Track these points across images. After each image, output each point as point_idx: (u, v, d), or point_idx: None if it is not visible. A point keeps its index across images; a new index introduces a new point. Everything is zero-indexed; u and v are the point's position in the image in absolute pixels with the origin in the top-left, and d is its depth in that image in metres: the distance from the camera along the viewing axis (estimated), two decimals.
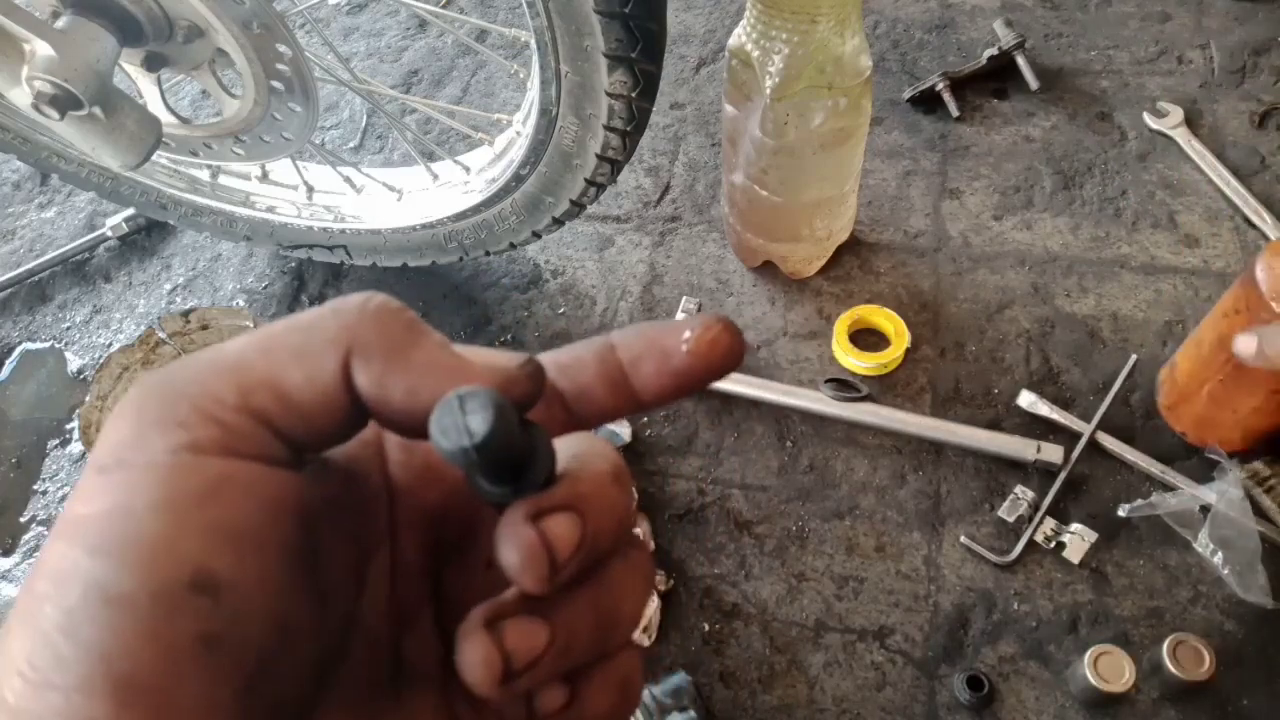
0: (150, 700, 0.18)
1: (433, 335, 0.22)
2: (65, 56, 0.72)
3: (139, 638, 0.18)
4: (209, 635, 0.18)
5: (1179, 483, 0.89)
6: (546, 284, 1.18)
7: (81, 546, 0.19)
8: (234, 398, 0.20)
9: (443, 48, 1.51)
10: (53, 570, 0.19)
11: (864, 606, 0.88)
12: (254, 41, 0.80)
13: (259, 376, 0.21)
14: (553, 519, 0.21)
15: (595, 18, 0.72)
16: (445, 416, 0.19)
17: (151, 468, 0.19)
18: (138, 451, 0.19)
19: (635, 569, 0.24)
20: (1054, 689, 0.81)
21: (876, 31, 1.39)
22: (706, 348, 0.23)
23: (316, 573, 0.22)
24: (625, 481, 0.24)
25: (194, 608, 0.18)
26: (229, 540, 0.19)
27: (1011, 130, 1.23)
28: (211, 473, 0.19)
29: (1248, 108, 1.20)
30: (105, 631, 0.18)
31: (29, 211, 1.42)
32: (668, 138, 1.30)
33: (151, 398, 0.20)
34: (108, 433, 0.20)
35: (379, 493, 0.25)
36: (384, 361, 0.21)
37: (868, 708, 0.82)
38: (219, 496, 0.19)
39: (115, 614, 0.18)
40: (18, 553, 1.06)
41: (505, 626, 0.21)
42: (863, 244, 1.14)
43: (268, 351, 0.21)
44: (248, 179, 1.14)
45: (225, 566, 0.19)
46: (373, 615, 0.25)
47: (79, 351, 1.24)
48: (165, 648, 0.18)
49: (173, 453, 0.19)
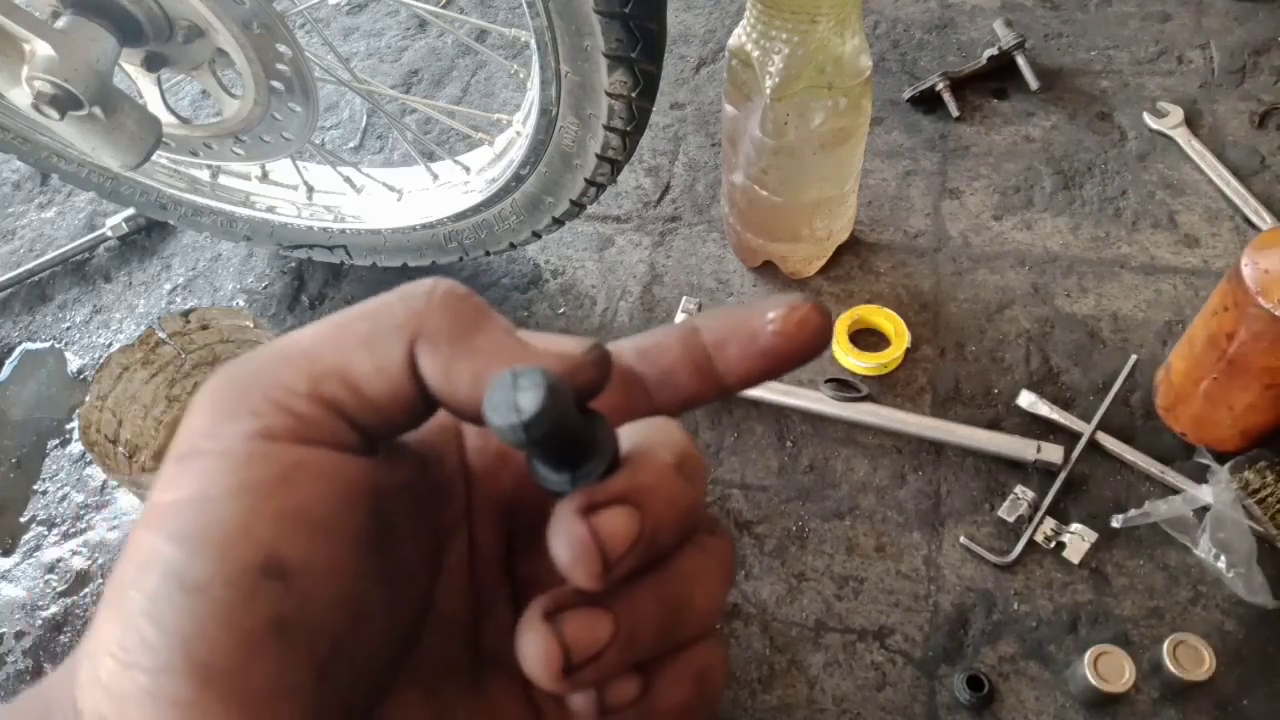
0: (227, 682, 0.18)
1: (498, 321, 0.22)
2: (65, 56, 0.72)
3: (214, 622, 0.18)
4: (281, 619, 0.19)
5: (1179, 483, 0.89)
6: (546, 284, 1.18)
7: (161, 534, 0.19)
8: (305, 386, 0.21)
9: (443, 48, 1.51)
10: (137, 557, 0.19)
11: (864, 606, 0.88)
12: (254, 41, 0.80)
13: (328, 365, 0.21)
14: (607, 513, 0.20)
15: (595, 18, 0.72)
16: (498, 393, 0.19)
17: (226, 455, 0.20)
18: (213, 440, 0.20)
19: (711, 557, 0.23)
20: (1054, 689, 0.81)
21: (876, 31, 1.39)
22: (795, 328, 0.23)
23: (390, 558, 0.22)
24: (692, 470, 0.23)
25: (266, 592, 0.19)
26: (301, 526, 0.19)
27: (1011, 130, 1.23)
28: (284, 460, 0.20)
29: (1248, 108, 1.20)
30: (184, 617, 0.18)
31: (29, 211, 1.42)
32: (668, 138, 1.30)
33: (225, 388, 0.21)
34: (186, 421, 0.21)
35: (455, 478, 0.25)
36: (449, 348, 0.21)
37: (868, 708, 0.82)
38: (291, 483, 0.20)
39: (192, 599, 0.18)
40: (18, 553, 1.06)
41: (565, 618, 0.21)
42: (863, 244, 1.14)
43: (337, 340, 0.21)
44: (248, 179, 1.14)
45: (297, 552, 0.19)
46: (450, 601, 0.25)
47: (79, 351, 1.24)
48: (239, 632, 0.18)
49: (246, 440, 0.20)
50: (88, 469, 1.12)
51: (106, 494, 1.09)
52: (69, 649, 0.98)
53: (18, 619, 1.01)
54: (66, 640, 0.98)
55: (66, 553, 1.05)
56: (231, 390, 0.21)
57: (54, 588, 1.03)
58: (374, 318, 0.22)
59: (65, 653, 0.97)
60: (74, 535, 1.06)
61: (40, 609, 1.01)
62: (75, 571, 1.03)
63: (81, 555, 1.04)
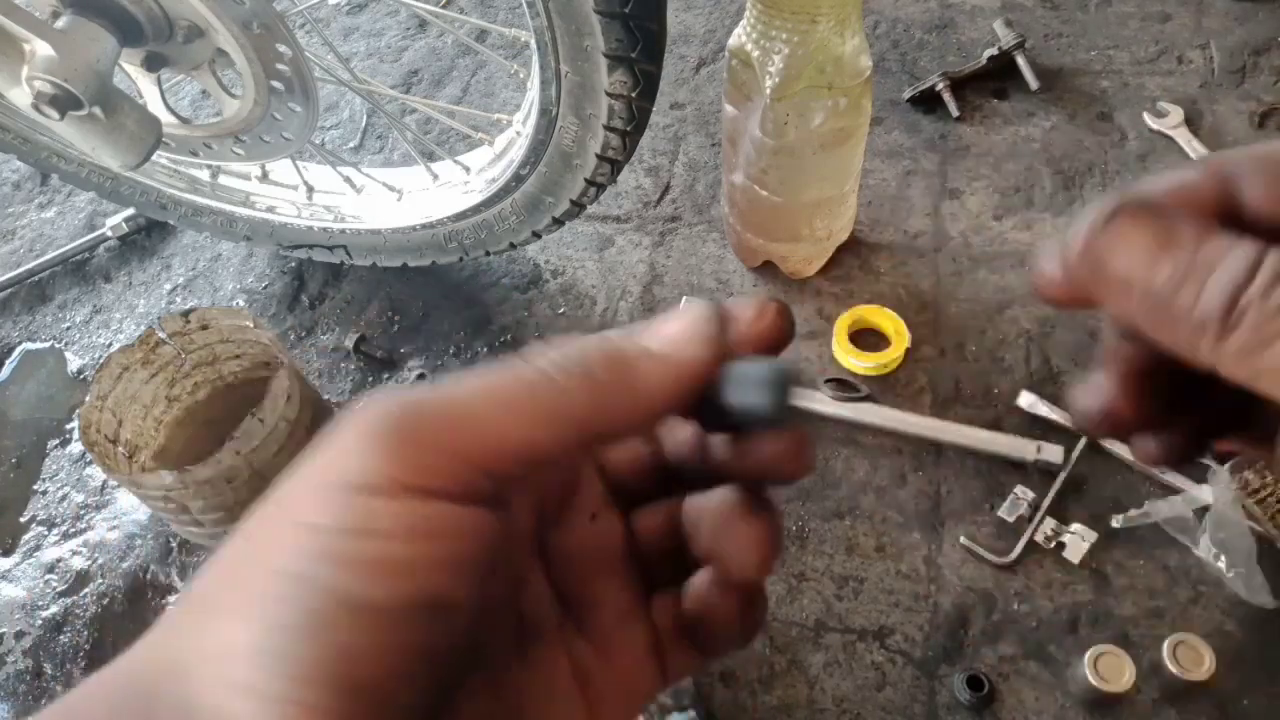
0: (378, 700, 0.20)
1: (639, 369, 0.24)
2: (65, 56, 0.72)
3: (379, 644, 0.20)
4: (431, 648, 0.21)
5: (1179, 483, 0.89)
6: (546, 284, 1.18)
7: (324, 557, 0.21)
8: (479, 457, 0.22)
9: (443, 48, 1.51)
10: (290, 573, 0.20)
11: (864, 606, 0.88)
12: (254, 41, 0.80)
13: (506, 443, 0.22)
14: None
15: (595, 18, 0.72)
16: (736, 388, 0.25)
17: (397, 502, 0.21)
18: (384, 482, 0.21)
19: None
20: (1054, 689, 0.81)
21: (876, 31, 1.39)
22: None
23: (498, 581, 0.26)
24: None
25: (425, 624, 0.21)
26: (456, 571, 0.21)
27: (1011, 130, 1.23)
28: (448, 516, 0.21)
29: (1248, 108, 1.20)
30: (349, 635, 0.20)
31: (29, 211, 1.42)
32: (668, 138, 1.30)
33: (399, 435, 0.22)
34: (341, 446, 0.22)
35: None
36: (619, 425, 0.24)
37: (868, 708, 0.82)
38: (451, 535, 0.21)
39: (360, 621, 0.20)
40: (18, 552, 1.06)
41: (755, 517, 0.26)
42: (863, 244, 1.14)
43: (511, 412, 0.23)
44: (248, 179, 1.14)
45: (450, 592, 0.21)
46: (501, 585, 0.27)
47: (79, 351, 1.24)
48: (400, 656, 0.20)
49: (418, 495, 0.21)
50: (88, 469, 1.12)
51: (106, 494, 1.09)
52: (69, 649, 0.98)
53: (18, 619, 1.01)
54: (67, 640, 0.98)
55: (66, 553, 1.05)
56: (408, 442, 0.21)
57: (54, 588, 1.03)
58: (534, 394, 0.23)
59: (65, 653, 0.97)
60: (74, 535, 1.06)
61: (40, 609, 1.01)
62: (75, 571, 1.03)
63: (81, 555, 1.04)
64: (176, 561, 1.02)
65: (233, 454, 0.87)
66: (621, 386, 0.24)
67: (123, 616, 0.99)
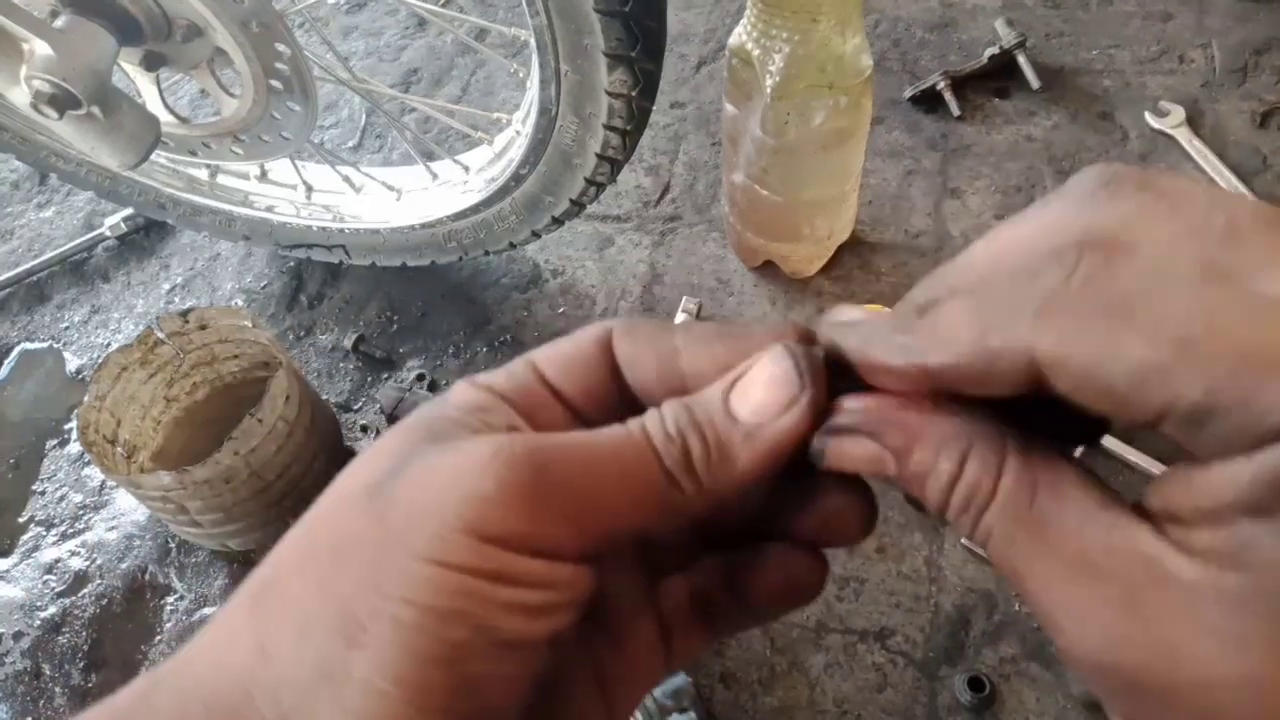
0: None
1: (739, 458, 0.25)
2: (64, 56, 0.72)
3: (511, 675, 0.22)
4: (541, 676, 0.23)
5: None
6: (546, 284, 1.17)
7: (468, 596, 0.21)
8: (594, 533, 0.24)
9: (442, 47, 1.51)
10: (425, 605, 0.21)
11: (865, 607, 0.87)
12: (253, 40, 0.80)
13: (619, 523, 0.24)
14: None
15: (595, 16, 0.72)
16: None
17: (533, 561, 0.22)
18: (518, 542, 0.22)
19: None
20: (1055, 690, 0.81)
21: (877, 30, 1.38)
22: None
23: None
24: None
25: (546, 656, 0.23)
26: (571, 611, 0.24)
27: (1013, 130, 1.23)
28: (568, 572, 0.23)
29: (1249, 107, 1.20)
30: (489, 666, 0.22)
31: (27, 211, 1.42)
32: (668, 137, 1.30)
33: (535, 500, 0.23)
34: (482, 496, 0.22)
35: None
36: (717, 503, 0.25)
37: (868, 709, 0.82)
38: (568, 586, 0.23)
39: (503, 654, 0.22)
40: (16, 553, 1.06)
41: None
42: (864, 244, 1.14)
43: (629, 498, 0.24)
44: (246, 178, 1.14)
45: (568, 629, 0.24)
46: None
47: (77, 351, 1.24)
48: (525, 684, 0.23)
49: (545, 555, 0.23)
50: (86, 469, 1.11)
51: (105, 494, 1.09)
52: (68, 649, 0.97)
53: (16, 619, 1.01)
54: (65, 641, 0.98)
55: (65, 553, 1.05)
56: (538, 504, 0.22)
57: (52, 588, 1.02)
58: (648, 478, 0.24)
59: (64, 653, 0.97)
60: (72, 536, 1.06)
61: (39, 609, 1.01)
62: (73, 572, 1.03)
63: (80, 556, 1.04)
64: (175, 562, 1.02)
65: (231, 454, 0.87)
66: (721, 476, 0.24)
67: (121, 617, 0.99)
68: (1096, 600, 0.20)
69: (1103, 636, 0.20)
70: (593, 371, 0.27)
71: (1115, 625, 0.20)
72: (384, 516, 0.22)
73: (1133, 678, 0.19)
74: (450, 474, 0.22)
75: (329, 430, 1.03)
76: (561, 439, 0.24)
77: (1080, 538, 0.21)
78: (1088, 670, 0.21)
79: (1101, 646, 0.20)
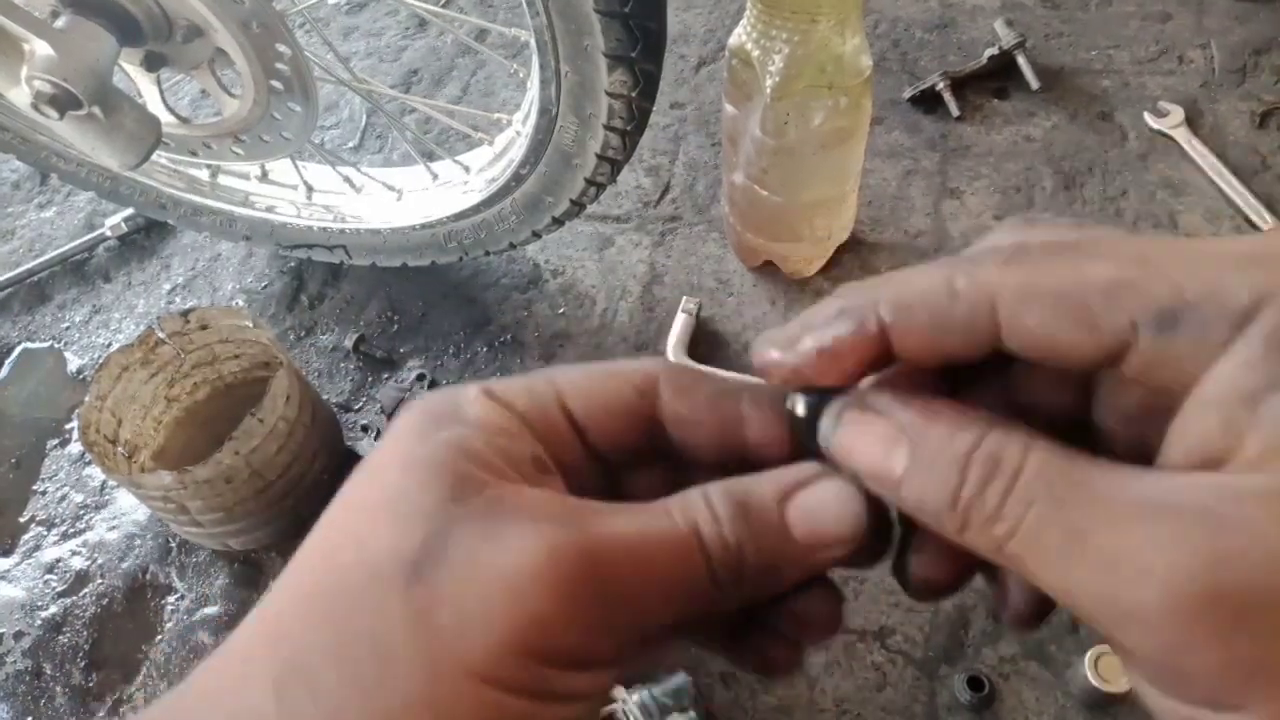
0: None
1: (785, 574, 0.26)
2: (64, 56, 0.72)
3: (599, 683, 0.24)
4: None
5: None
6: (546, 284, 1.17)
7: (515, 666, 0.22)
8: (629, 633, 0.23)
9: (442, 47, 1.51)
10: (480, 674, 0.21)
11: (864, 607, 0.87)
12: (253, 41, 0.80)
13: (651, 620, 0.24)
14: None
15: (595, 17, 0.72)
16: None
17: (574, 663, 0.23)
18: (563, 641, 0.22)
19: None
20: (1054, 689, 0.81)
21: (877, 31, 1.38)
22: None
23: None
24: None
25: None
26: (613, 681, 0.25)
27: (1012, 130, 1.23)
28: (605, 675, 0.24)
29: (1249, 107, 1.20)
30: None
31: (28, 211, 1.42)
32: (668, 137, 1.30)
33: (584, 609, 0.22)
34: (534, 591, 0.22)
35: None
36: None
37: (868, 708, 0.82)
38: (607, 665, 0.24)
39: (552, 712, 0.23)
40: (17, 553, 1.06)
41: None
42: (863, 244, 1.14)
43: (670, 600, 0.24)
44: (247, 179, 1.14)
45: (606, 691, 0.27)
46: None
47: (78, 351, 1.24)
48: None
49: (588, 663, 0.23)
50: (87, 469, 1.11)
51: (106, 494, 1.09)
52: (69, 649, 0.97)
53: (17, 619, 1.01)
54: (66, 640, 0.98)
55: (66, 553, 1.05)
56: (587, 613, 0.22)
57: (53, 588, 1.03)
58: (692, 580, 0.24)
59: (65, 653, 0.97)
60: (73, 535, 1.06)
61: (40, 609, 1.01)
62: (74, 572, 1.03)
63: (81, 555, 1.04)
64: (176, 562, 1.02)
65: (232, 454, 0.87)
66: (764, 588, 0.25)
67: (122, 617, 0.99)
68: (1177, 534, 0.19)
69: (1193, 563, 0.18)
70: (627, 420, 0.26)
71: (1206, 548, 0.18)
72: (429, 617, 0.21)
73: (1242, 600, 0.18)
74: (501, 581, 0.21)
75: (330, 430, 1.03)
76: (611, 533, 0.23)
77: (1140, 483, 0.20)
78: (1176, 619, 0.19)
79: (1193, 576, 0.18)
